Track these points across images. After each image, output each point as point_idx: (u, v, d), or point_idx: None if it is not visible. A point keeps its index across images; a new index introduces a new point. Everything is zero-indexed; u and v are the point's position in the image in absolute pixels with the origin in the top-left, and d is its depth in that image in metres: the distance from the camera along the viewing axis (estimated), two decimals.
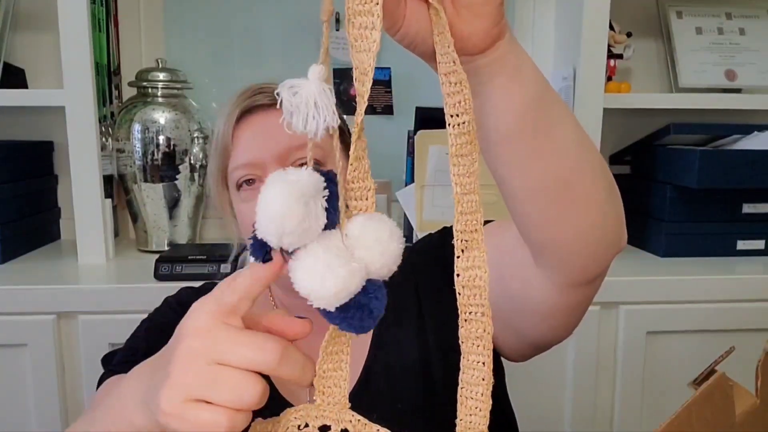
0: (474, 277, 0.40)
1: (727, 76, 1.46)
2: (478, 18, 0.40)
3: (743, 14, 1.50)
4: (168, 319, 0.76)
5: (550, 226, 0.52)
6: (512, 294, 0.62)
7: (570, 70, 1.30)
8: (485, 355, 0.41)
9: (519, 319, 0.64)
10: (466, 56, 0.42)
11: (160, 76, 1.32)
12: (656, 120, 1.44)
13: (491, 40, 0.42)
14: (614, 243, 0.56)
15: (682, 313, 1.17)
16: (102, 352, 1.00)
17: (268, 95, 0.72)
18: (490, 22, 0.41)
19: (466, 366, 0.42)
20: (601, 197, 0.52)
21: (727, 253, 1.32)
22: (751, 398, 0.47)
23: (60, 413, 1.11)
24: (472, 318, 0.41)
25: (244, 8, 1.50)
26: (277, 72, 1.53)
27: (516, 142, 0.47)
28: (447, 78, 0.39)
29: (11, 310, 1.08)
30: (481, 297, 0.40)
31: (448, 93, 0.39)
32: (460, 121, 0.39)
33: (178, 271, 1.13)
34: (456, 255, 0.41)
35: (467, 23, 0.40)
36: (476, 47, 0.42)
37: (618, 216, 0.55)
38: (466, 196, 0.40)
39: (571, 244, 0.53)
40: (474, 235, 0.40)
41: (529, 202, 0.51)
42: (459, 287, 0.41)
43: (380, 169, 1.44)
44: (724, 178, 1.22)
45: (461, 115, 0.39)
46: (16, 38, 1.41)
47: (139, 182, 1.31)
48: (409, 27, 0.40)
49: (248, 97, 0.72)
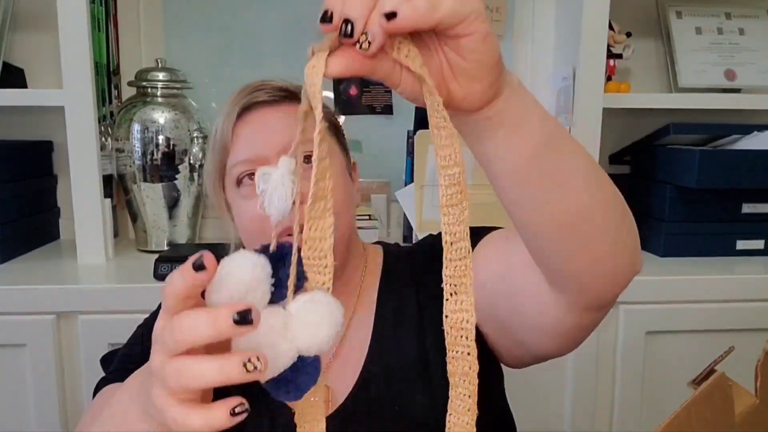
0: (461, 320, 0.42)
1: (727, 76, 1.46)
2: (473, 81, 0.41)
3: (743, 14, 1.50)
4: None
5: (563, 258, 0.52)
6: (523, 311, 0.62)
7: (570, 70, 1.30)
8: (470, 390, 0.43)
9: (526, 333, 0.64)
10: (464, 113, 0.43)
11: (159, 75, 1.32)
12: (656, 120, 1.44)
13: (488, 100, 0.43)
14: (629, 270, 0.55)
15: (682, 313, 1.17)
16: (101, 352, 1.00)
17: (266, 92, 0.72)
18: (485, 85, 0.41)
19: (454, 397, 0.44)
20: (614, 229, 0.52)
21: (727, 253, 1.32)
22: (751, 398, 0.47)
23: (59, 413, 1.11)
24: (459, 356, 0.43)
25: (243, 8, 1.50)
26: (277, 72, 1.52)
27: (523, 186, 0.48)
28: (438, 132, 0.40)
29: (11, 310, 1.08)
30: (467, 339, 0.42)
31: (438, 145, 0.40)
32: (450, 173, 0.40)
33: None
34: (445, 298, 0.42)
35: (463, 86, 0.41)
36: (473, 106, 0.43)
37: (633, 244, 0.55)
38: (456, 244, 0.41)
39: (585, 273, 0.53)
40: (463, 279, 0.42)
41: (540, 237, 0.51)
42: (447, 327, 0.42)
43: (380, 169, 1.45)
44: (724, 178, 1.22)
45: (451, 167, 0.40)
46: (16, 38, 1.41)
47: (138, 182, 1.31)
48: (404, 87, 0.41)
49: (247, 94, 0.72)
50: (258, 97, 0.72)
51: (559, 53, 1.44)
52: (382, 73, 0.39)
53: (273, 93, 0.72)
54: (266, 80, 0.74)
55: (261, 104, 0.72)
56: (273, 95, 0.72)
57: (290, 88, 0.74)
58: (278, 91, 0.72)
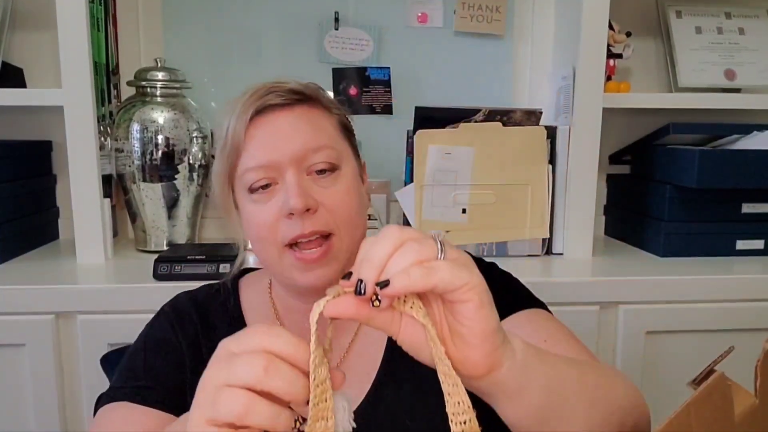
0: None
1: (727, 75, 1.46)
2: (469, 348, 0.43)
3: (743, 14, 1.50)
4: (165, 335, 0.76)
5: None
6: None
7: (569, 69, 1.30)
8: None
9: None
10: (463, 377, 0.44)
11: (158, 75, 1.32)
12: (656, 120, 1.43)
13: (485, 369, 0.44)
14: None
15: (682, 312, 1.17)
16: (101, 351, 1.00)
17: (279, 95, 0.71)
18: (481, 353, 0.44)
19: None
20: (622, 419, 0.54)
21: (727, 253, 1.32)
22: (750, 398, 0.47)
23: (59, 413, 1.10)
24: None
25: (242, 8, 1.50)
26: (276, 71, 1.53)
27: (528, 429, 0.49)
28: (445, 378, 0.43)
29: (10, 310, 1.07)
30: None
31: (447, 392, 0.43)
32: (461, 420, 0.43)
33: (177, 270, 1.12)
34: None
35: (459, 351, 0.44)
36: (470, 373, 0.44)
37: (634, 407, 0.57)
38: None
39: None
40: None
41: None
42: None
43: (379, 168, 1.45)
44: (724, 177, 1.22)
45: (462, 414, 0.43)
46: (15, 37, 1.41)
47: (137, 182, 1.31)
48: (404, 338, 0.45)
49: (260, 96, 0.71)
50: (271, 100, 0.71)
51: (559, 53, 1.44)
52: (380, 322, 0.44)
53: (286, 96, 0.71)
54: (279, 81, 0.73)
55: (273, 107, 0.71)
56: (286, 98, 0.71)
57: (304, 90, 0.73)
58: (292, 94, 0.72)
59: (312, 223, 0.68)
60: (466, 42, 1.54)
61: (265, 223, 0.69)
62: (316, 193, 0.69)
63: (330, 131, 0.73)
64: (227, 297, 0.81)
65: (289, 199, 0.67)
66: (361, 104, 1.50)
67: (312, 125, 0.71)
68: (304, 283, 0.71)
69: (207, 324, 0.78)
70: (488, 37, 1.53)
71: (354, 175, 0.74)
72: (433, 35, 1.54)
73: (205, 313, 0.79)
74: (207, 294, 0.82)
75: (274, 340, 0.42)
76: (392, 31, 1.53)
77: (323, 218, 0.69)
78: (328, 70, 1.49)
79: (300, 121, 0.71)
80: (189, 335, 0.76)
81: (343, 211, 0.70)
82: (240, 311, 0.80)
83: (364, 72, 1.51)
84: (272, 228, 0.69)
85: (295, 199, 0.66)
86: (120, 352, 0.93)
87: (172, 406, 0.70)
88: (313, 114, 0.72)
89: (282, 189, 0.69)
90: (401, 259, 0.42)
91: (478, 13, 1.50)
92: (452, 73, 1.55)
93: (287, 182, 0.68)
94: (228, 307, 0.80)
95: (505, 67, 1.56)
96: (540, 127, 1.27)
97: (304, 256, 0.69)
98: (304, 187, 0.68)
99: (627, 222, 1.45)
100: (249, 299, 0.81)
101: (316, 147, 0.69)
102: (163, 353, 0.74)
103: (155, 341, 0.76)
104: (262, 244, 0.71)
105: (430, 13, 1.53)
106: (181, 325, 0.77)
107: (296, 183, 0.68)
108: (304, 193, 0.67)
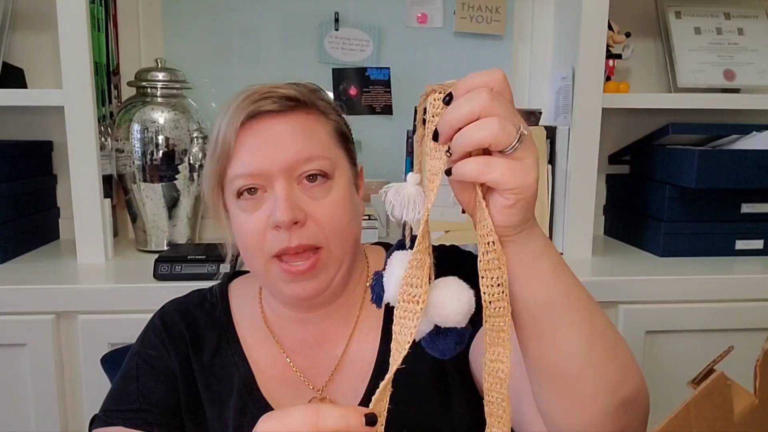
0: (497, 370, 0.47)
1: (726, 76, 1.46)
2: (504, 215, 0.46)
3: (742, 14, 1.50)
4: (156, 352, 0.75)
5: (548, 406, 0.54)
6: None
7: (569, 70, 1.30)
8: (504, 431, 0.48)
9: None
10: None
11: (159, 75, 1.32)
12: (655, 120, 1.44)
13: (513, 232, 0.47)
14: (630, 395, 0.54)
15: (681, 312, 1.17)
16: (101, 351, 1.00)
17: (273, 101, 0.69)
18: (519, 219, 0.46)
19: None
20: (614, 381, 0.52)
21: (726, 253, 1.32)
22: (750, 398, 0.47)
23: (59, 413, 1.10)
24: (494, 401, 0.47)
25: (243, 8, 1.50)
26: (276, 72, 1.53)
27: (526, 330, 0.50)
28: (483, 239, 0.46)
29: (10, 310, 1.07)
30: (501, 386, 0.47)
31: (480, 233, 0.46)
32: (487, 240, 0.45)
33: (177, 270, 1.13)
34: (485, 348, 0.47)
35: None
36: None
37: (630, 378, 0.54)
38: (494, 303, 0.46)
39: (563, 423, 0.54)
40: (500, 334, 0.46)
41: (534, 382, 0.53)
42: (485, 374, 0.47)
43: (379, 168, 1.45)
44: (723, 178, 1.22)
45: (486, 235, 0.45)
46: (15, 38, 1.41)
47: (138, 182, 1.31)
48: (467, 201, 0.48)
49: (253, 102, 0.69)
50: (265, 106, 0.69)
51: (559, 53, 1.44)
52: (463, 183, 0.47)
53: (280, 102, 0.69)
54: (273, 86, 0.71)
55: (267, 113, 0.69)
56: (280, 105, 0.69)
57: (299, 96, 0.71)
58: (286, 101, 0.70)
59: (299, 237, 0.67)
60: (465, 42, 1.54)
61: (252, 232, 0.69)
62: (305, 204, 0.68)
63: (324, 139, 0.71)
64: (216, 305, 0.80)
65: (276, 211, 0.66)
66: (361, 104, 1.50)
67: (305, 134, 0.69)
68: (290, 294, 0.70)
69: (196, 335, 0.77)
70: (488, 37, 1.53)
71: (347, 184, 0.72)
72: (433, 35, 1.54)
73: (194, 323, 0.78)
74: (195, 302, 0.81)
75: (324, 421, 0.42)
76: (392, 31, 1.53)
77: (311, 231, 0.67)
78: (328, 71, 1.49)
79: (293, 130, 0.69)
80: (179, 349, 0.75)
81: (333, 223, 0.69)
82: (230, 320, 0.79)
83: (364, 72, 1.51)
84: (259, 238, 0.68)
85: (282, 212, 0.65)
86: (120, 352, 0.93)
87: (168, 428, 0.70)
88: (307, 121, 0.71)
89: (271, 197, 0.68)
90: (472, 134, 0.43)
91: (477, 14, 1.50)
92: (452, 74, 1.53)
93: (276, 193, 0.67)
94: (217, 315, 0.79)
95: (505, 67, 1.56)
96: (539, 127, 1.28)
97: (290, 268, 0.68)
98: (293, 199, 0.67)
99: (626, 222, 1.45)
100: (239, 307, 0.80)
101: (308, 157, 0.68)
102: (155, 373, 0.74)
103: (147, 361, 0.75)
104: (250, 253, 0.70)
105: (430, 14, 1.53)
106: (170, 340, 0.76)
107: (284, 196, 0.66)
108: (292, 205, 0.66)
